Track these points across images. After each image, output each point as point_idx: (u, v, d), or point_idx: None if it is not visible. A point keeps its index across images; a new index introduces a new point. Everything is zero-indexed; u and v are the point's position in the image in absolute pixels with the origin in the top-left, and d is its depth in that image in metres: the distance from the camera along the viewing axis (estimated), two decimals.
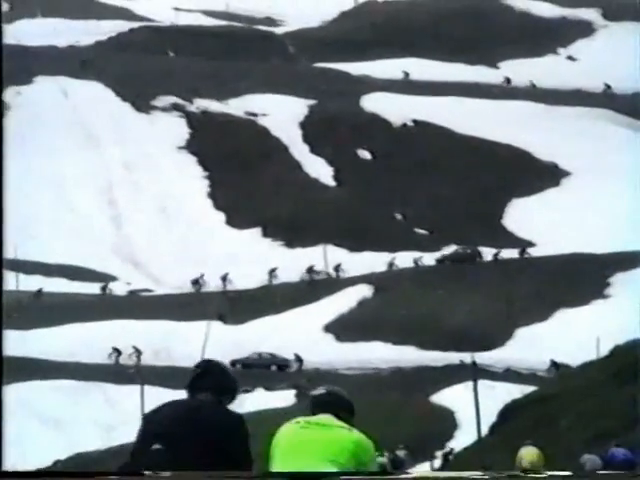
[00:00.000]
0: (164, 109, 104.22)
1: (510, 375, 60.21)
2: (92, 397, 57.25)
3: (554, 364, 59.53)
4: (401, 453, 35.40)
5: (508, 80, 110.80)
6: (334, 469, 6.46)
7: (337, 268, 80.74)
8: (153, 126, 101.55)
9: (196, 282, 79.53)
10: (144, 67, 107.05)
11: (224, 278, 79.48)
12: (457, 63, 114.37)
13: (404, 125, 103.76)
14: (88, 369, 62.24)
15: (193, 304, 74.37)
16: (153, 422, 6.27)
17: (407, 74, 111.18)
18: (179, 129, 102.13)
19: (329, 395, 6.87)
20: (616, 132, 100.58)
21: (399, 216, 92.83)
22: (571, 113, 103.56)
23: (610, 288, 72.45)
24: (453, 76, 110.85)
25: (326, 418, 6.76)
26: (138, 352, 65.64)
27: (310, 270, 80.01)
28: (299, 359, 65.94)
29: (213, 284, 79.51)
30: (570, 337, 61.56)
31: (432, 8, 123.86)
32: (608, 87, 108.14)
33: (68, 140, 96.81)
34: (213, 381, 6.49)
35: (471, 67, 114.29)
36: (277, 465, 6.57)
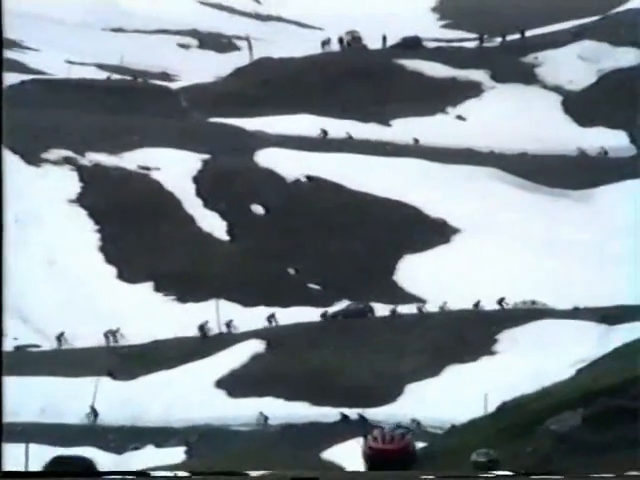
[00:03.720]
0: (55, 162, 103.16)
1: None
2: None
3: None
4: None
5: (349, 137, 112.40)
6: None
7: (229, 324, 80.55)
8: (43, 179, 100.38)
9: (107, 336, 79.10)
10: (35, 120, 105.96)
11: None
12: (350, 120, 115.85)
13: (297, 181, 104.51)
14: None
15: (81, 360, 73.27)
16: None
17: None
18: (70, 182, 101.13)
19: (488, 460, 10.14)
20: (504, 190, 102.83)
21: (292, 271, 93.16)
22: (461, 171, 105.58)
23: (497, 345, 73.66)
24: (346, 133, 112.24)
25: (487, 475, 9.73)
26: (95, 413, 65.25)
27: (202, 328, 79.69)
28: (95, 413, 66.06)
29: (101, 340, 78.53)
30: (459, 393, 62.30)
31: (326, 65, 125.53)
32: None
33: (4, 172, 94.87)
34: None
35: (363, 124, 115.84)
36: None
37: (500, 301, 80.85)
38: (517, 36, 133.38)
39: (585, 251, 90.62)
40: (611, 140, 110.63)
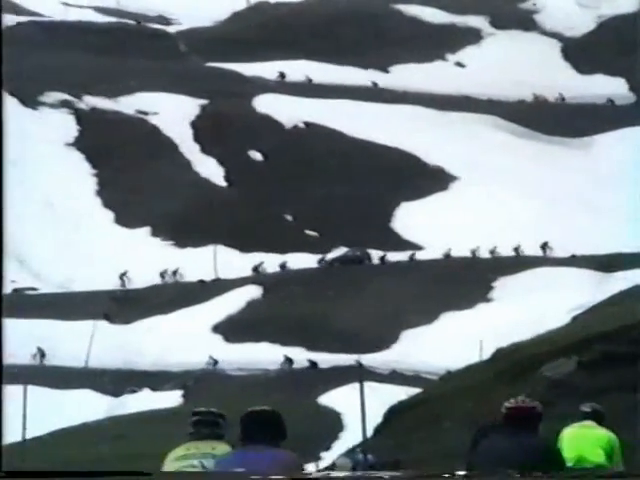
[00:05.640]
0: (52, 105, 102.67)
1: (395, 377, 60.95)
2: None
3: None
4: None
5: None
6: (602, 453, 11.20)
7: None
8: (41, 122, 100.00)
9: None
10: (32, 62, 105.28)
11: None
12: (348, 66, 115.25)
13: (295, 127, 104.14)
14: None
15: (79, 303, 73.51)
16: None
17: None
18: (68, 126, 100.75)
19: (593, 410, 11.63)
20: (502, 138, 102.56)
21: (289, 217, 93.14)
22: (459, 118, 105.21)
23: (493, 292, 73.89)
24: (344, 79, 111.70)
25: (590, 423, 11.55)
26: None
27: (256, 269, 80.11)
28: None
29: (101, 283, 78.73)
30: (454, 340, 62.60)
31: (324, 11, 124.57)
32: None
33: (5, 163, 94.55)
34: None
35: (362, 70, 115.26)
36: (567, 453, 10.87)
37: (544, 245, 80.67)
38: None
39: (582, 199, 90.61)
40: (610, 87, 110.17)
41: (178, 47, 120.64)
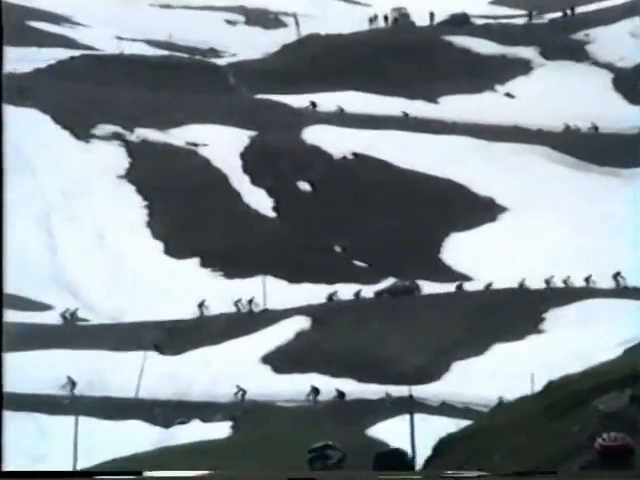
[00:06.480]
0: (104, 138, 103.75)
1: (445, 409, 60.53)
2: (24, 427, 56.49)
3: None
4: None
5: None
6: None
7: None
8: (92, 154, 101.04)
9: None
10: (84, 95, 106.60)
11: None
12: (397, 97, 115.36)
13: (344, 158, 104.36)
14: (21, 399, 61.41)
15: (129, 334, 73.90)
16: None
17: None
18: (119, 158, 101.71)
19: None
20: (553, 169, 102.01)
21: (338, 248, 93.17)
22: (508, 149, 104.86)
23: (544, 323, 73.28)
24: (393, 110, 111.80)
25: None
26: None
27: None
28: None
29: (152, 313, 79.06)
30: (505, 371, 62.09)
31: (373, 42, 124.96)
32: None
33: (5, 168, 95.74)
34: None
35: (411, 101, 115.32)
36: None
37: (616, 275, 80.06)
38: (567, 12, 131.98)
39: (633, 230, 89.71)
40: None
41: (228, 79, 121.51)
